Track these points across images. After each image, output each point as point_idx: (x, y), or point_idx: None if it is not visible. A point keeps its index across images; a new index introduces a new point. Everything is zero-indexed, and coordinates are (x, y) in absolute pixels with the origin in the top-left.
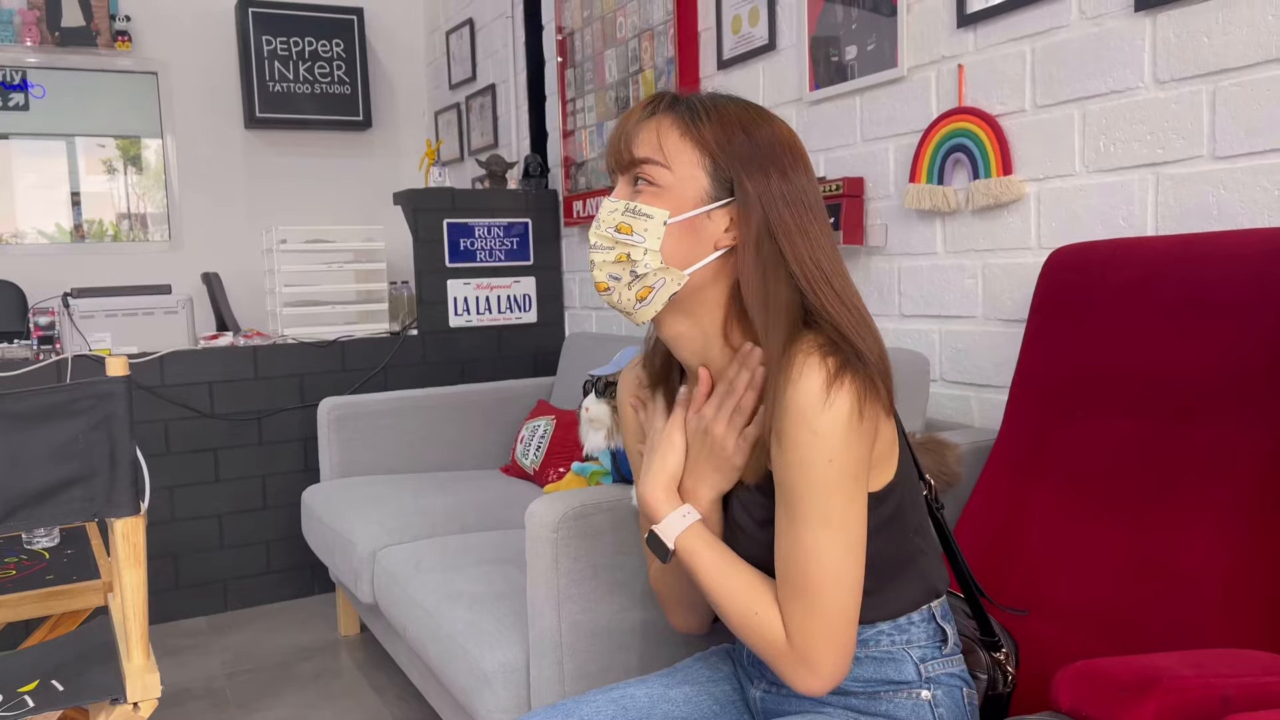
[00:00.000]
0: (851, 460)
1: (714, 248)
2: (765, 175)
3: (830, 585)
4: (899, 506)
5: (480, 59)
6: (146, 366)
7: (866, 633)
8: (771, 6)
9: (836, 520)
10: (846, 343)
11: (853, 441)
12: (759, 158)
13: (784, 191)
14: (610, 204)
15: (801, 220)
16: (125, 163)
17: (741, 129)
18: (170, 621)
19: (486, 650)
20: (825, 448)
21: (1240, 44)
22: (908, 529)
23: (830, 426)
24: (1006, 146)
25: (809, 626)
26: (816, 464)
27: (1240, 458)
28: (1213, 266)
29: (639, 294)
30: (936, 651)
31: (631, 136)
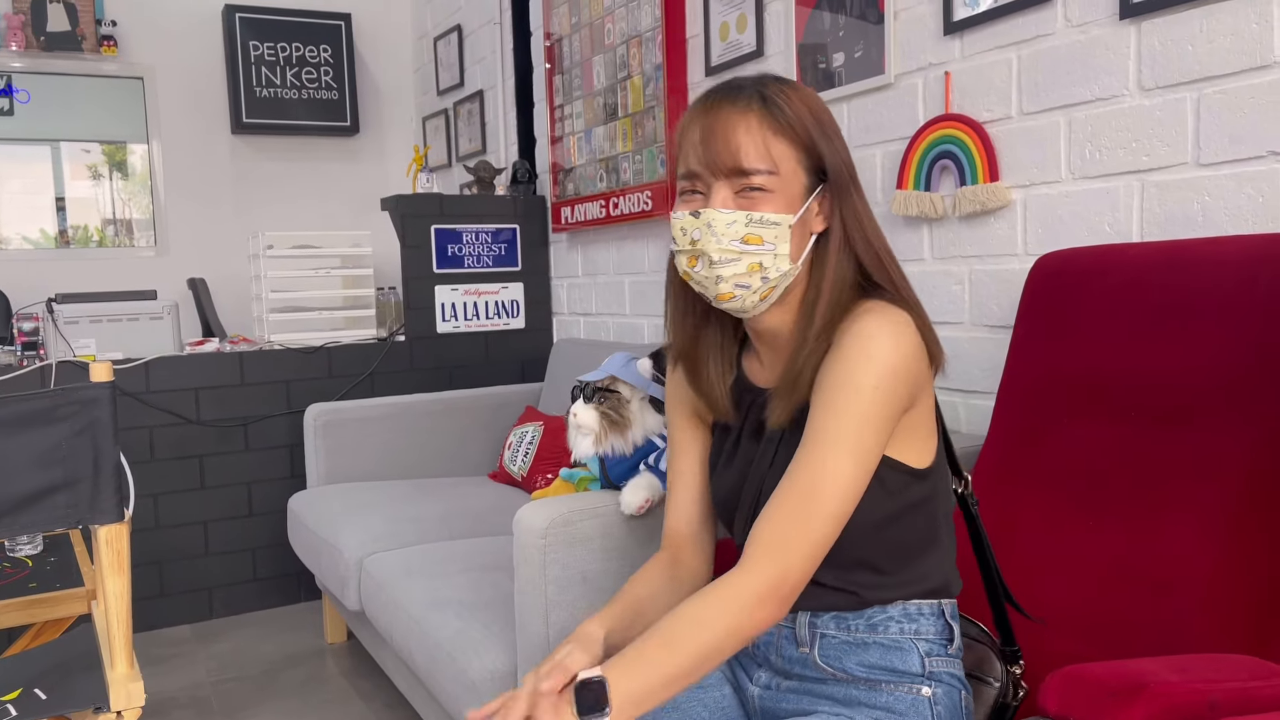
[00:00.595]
0: (894, 398)
1: (811, 234)
2: (837, 155)
3: (831, 510)
4: (934, 491)
5: (468, 65)
6: (131, 373)
7: (877, 616)
8: (759, 13)
9: (862, 450)
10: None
11: (900, 381)
12: (830, 137)
13: (846, 165)
14: (726, 215)
15: (859, 193)
16: (111, 168)
17: (811, 114)
18: (155, 630)
19: (474, 658)
20: (876, 372)
21: (1223, 52)
22: (937, 515)
23: (886, 355)
24: (993, 153)
25: (793, 539)
26: (864, 387)
27: (1223, 463)
28: (1197, 273)
29: (763, 295)
30: (942, 649)
31: (738, 145)
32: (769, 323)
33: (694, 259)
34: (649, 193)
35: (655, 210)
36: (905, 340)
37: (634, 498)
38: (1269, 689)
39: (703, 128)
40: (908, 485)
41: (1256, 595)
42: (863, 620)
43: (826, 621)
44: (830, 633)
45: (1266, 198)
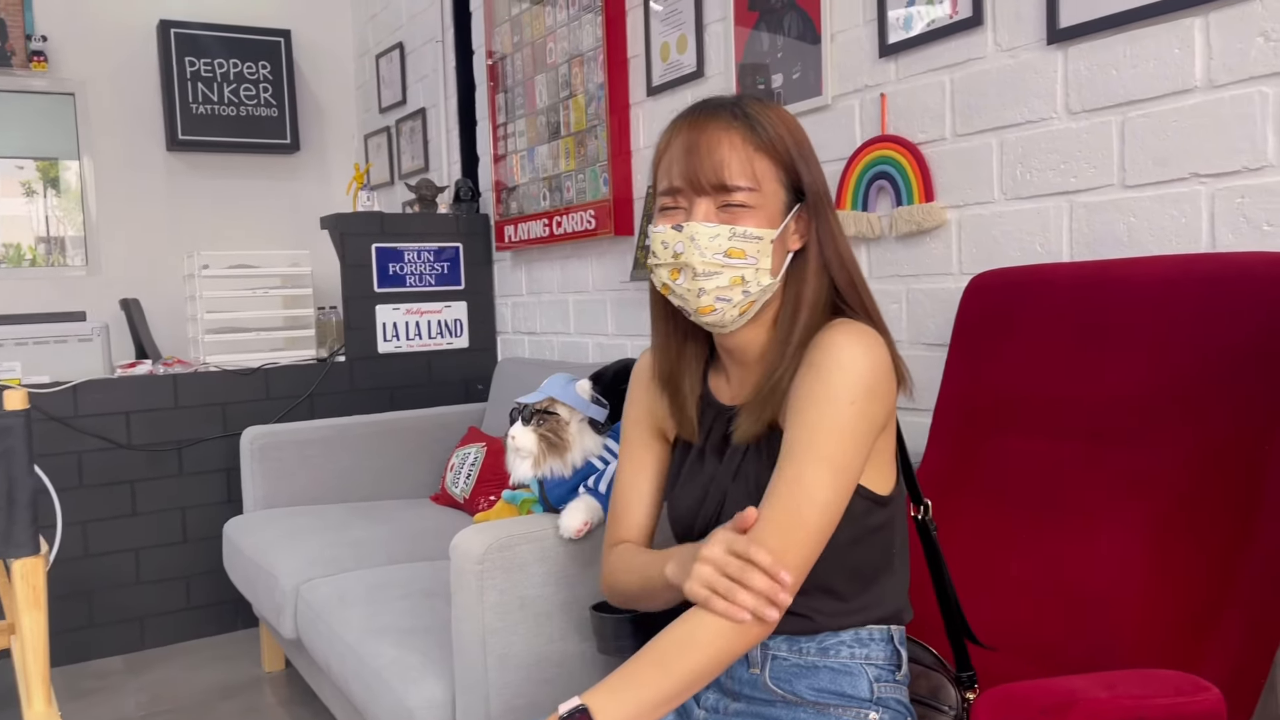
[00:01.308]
0: (869, 415)
1: (788, 251)
2: (812, 173)
3: (815, 526)
4: (893, 517)
5: (410, 83)
6: (58, 397)
7: (829, 640)
8: (699, 34)
9: (841, 465)
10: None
11: (875, 399)
12: (807, 156)
13: (821, 183)
14: (709, 229)
15: (836, 219)
16: (45, 185)
17: (791, 134)
18: (84, 661)
19: (411, 686)
20: (851, 386)
21: (1147, 77)
22: (892, 544)
23: (861, 371)
24: (928, 174)
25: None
26: (839, 401)
27: (1152, 480)
28: (1123, 292)
29: (742, 309)
30: (890, 675)
31: (721, 160)
32: (741, 339)
33: (676, 272)
34: (592, 211)
35: (599, 229)
36: (878, 357)
37: (572, 521)
38: (1196, 704)
39: (686, 143)
40: (869, 511)
41: (1185, 611)
42: (814, 644)
43: (779, 643)
44: (782, 655)
45: (1189, 218)
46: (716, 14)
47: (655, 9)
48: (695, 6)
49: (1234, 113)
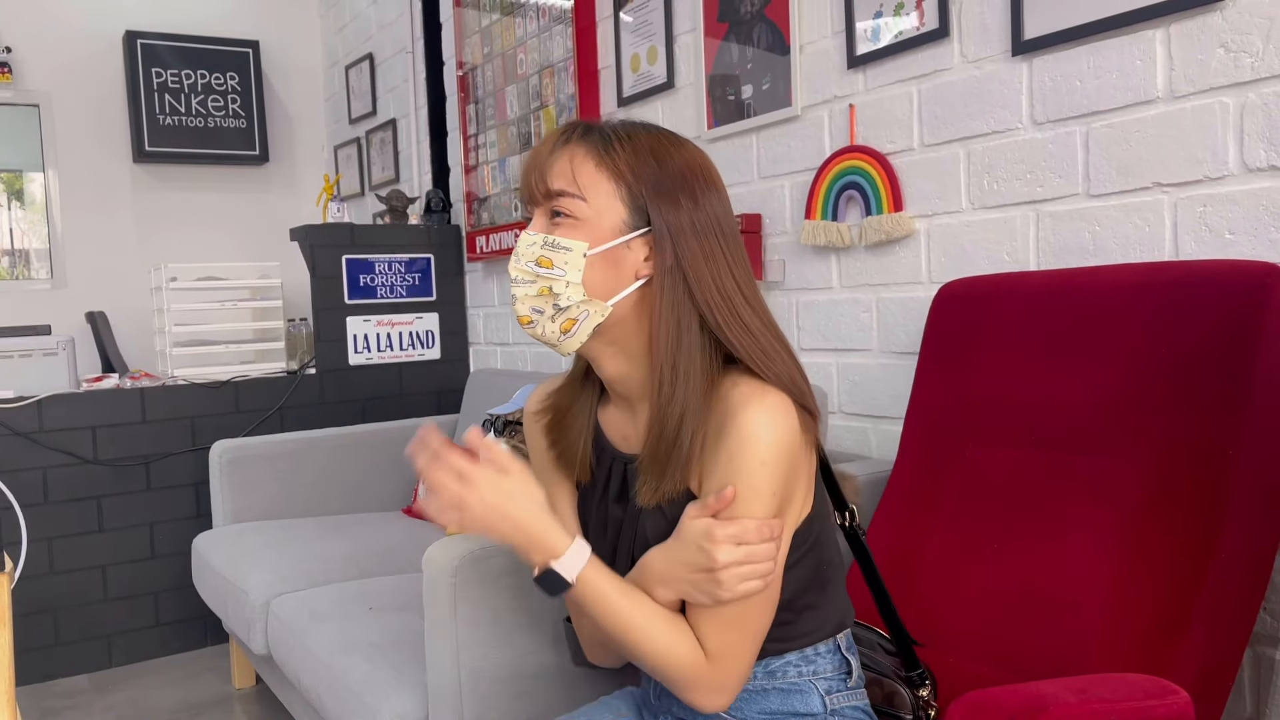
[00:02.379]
0: (788, 489)
1: (635, 277)
2: (675, 204)
3: (763, 614)
4: (816, 539)
5: (380, 93)
6: (23, 411)
7: (774, 663)
8: (669, 45)
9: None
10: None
11: (788, 475)
12: (669, 186)
13: (693, 220)
14: (528, 237)
15: (710, 248)
16: (9, 197)
17: (653, 156)
18: (49, 680)
19: (384, 701)
20: (769, 476)
21: (1110, 88)
22: (821, 561)
23: (776, 456)
24: (897, 184)
25: (733, 642)
26: (763, 493)
27: (1119, 486)
28: (1088, 301)
29: (563, 326)
30: (842, 684)
31: (546, 168)
32: (609, 370)
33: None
34: None
35: None
36: (786, 430)
37: None
38: (1165, 708)
39: (529, 158)
40: (797, 543)
41: (1154, 615)
42: (760, 668)
43: None
44: None
45: (1152, 227)
46: (686, 25)
47: (625, 20)
48: (665, 18)
49: (1195, 123)
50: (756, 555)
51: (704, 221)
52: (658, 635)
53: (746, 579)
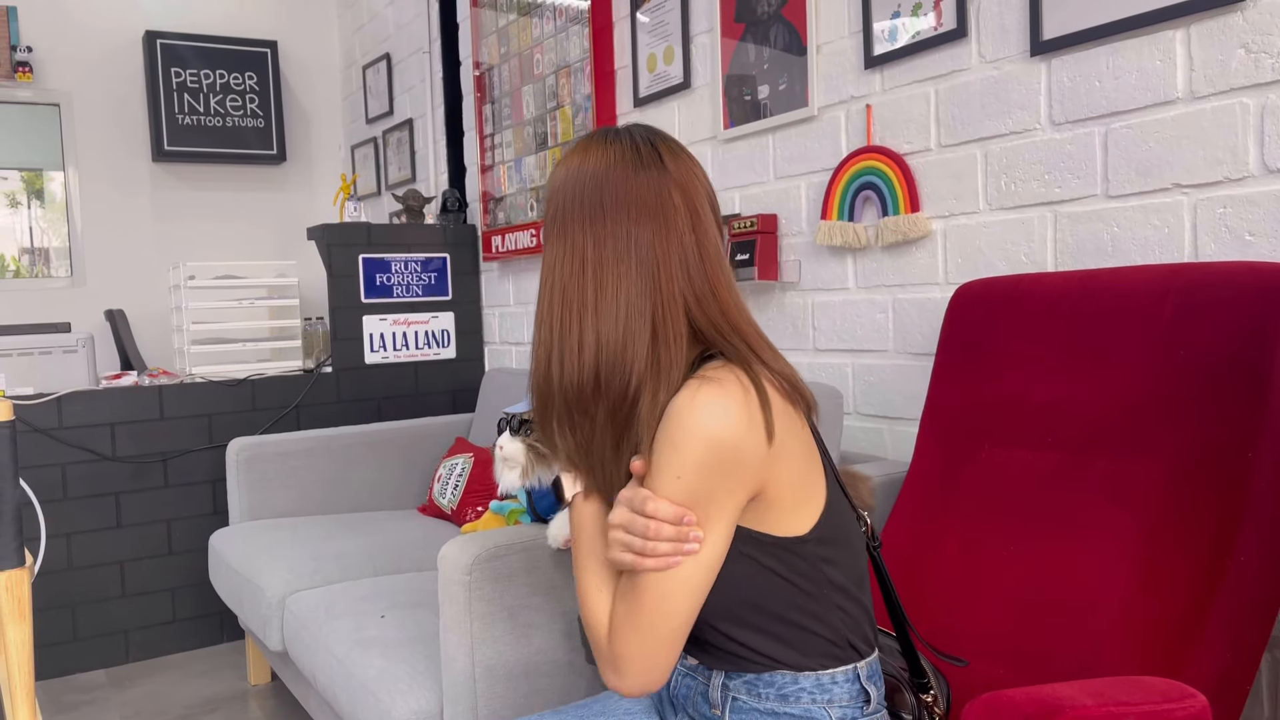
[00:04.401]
0: (705, 489)
1: None
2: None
3: (652, 604)
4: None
5: (397, 93)
6: (43, 408)
7: (789, 687)
8: (686, 45)
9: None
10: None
11: (709, 468)
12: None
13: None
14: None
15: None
16: (29, 196)
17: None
18: (67, 675)
19: (399, 698)
20: (677, 461)
21: (1129, 88)
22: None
23: (692, 444)
24: (914, 184)
25: (625, 634)
26: (665, 473)
27: (1136, 488)
28: (1106, 302)
29: None
30: (858, 712)
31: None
32: None
33: None
34: None
35: None
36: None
37: (560, 531)
38: (1182, 711)
39: None
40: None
41: (1170, 618)
42: (774, 690)
43: (739, 686)
44: (742, 698)
45: (1171, 228)
46: (703, 25)
47: (642, 20)
48: (682, 18)
49: (1215, 124)
50: (634, 526)
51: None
52: (590, 590)
53: (619, 546)
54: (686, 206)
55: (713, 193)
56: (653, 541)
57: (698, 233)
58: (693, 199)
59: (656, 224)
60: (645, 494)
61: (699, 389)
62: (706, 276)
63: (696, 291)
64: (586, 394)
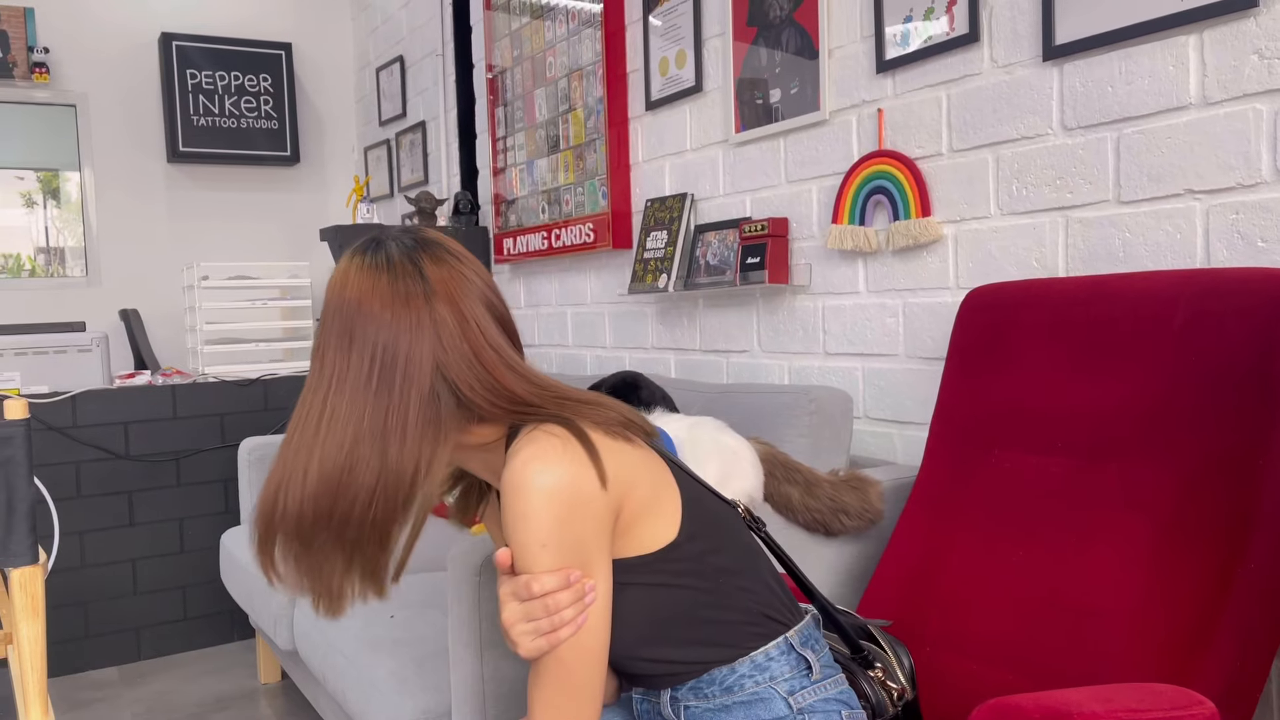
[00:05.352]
0: (572, 540)
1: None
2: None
3: (578, 664)
4: (695, 556)
5: (410, 96)
6: (57, 407)
7: (729, 679)
8: (698, 49)
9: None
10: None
11: (565, 521)
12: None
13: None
14: None
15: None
16: (45, 195)
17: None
18: (79, 672)
19: (407, 698)
20: (537, 530)
21: (1142, 93)
22: (713, 571)
23: (542, 507)
24: (925, 189)
25: (559, 703)
26: (531, 547)
27: (1147, 494)
28: (1118, 308)
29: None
30: (805, 681)
31: None
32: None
33: None
34: (591, 225)
35: (597, 242)
36: (555, 474)
37: None
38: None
39: None
40: (661, 567)
41: (1180, 625)
42: (716, 686)
43: (686, 694)
44: (691, 703)
45: (1184, 234)
46: (715, 29)
47: (655, 24)
48: (694, 21)
49: (1228, 129)
50: (533, 612)
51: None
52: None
53: (532, 635)
54: (452, 314)
55: (488, 284)
56: (556, 615)
57: (466, 333)
58: (459, 305)
59: (409, 343)
60: (524, 579)
61: (521, 459)
62: (482, 367)
63: (470, 382)
64: (306, 524)
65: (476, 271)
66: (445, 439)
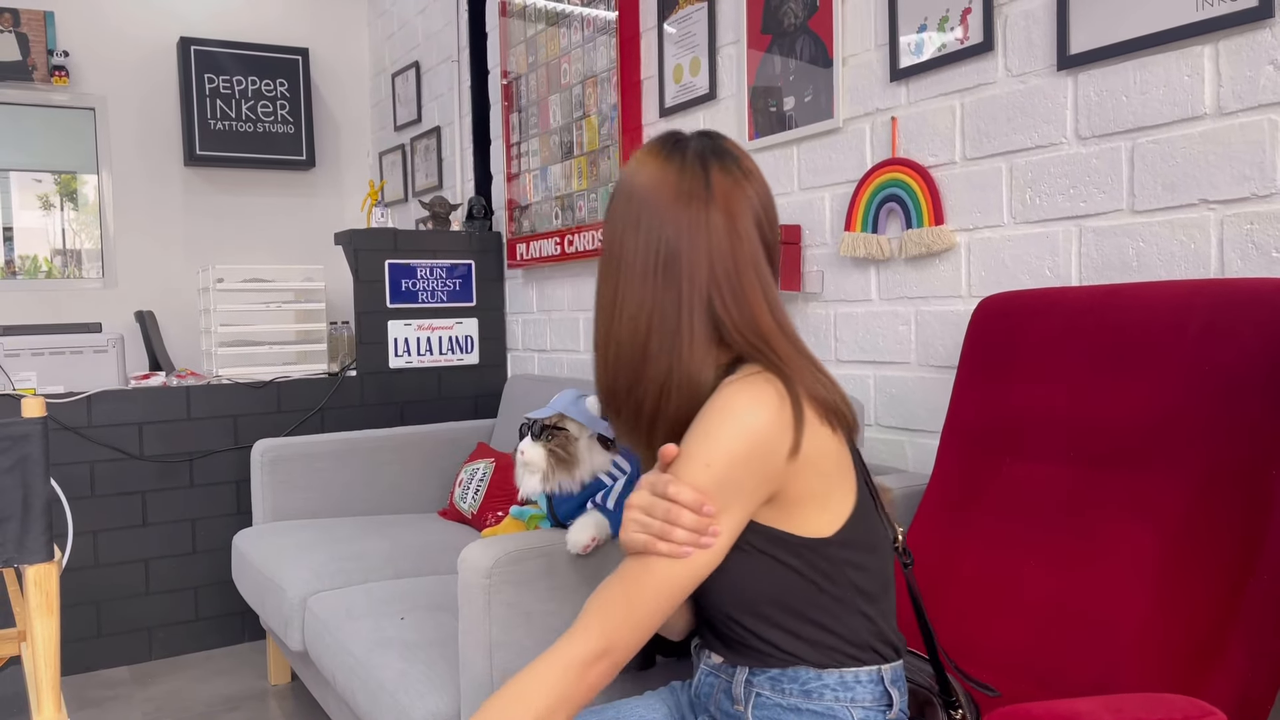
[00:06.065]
0: (731, 480)
1: None
2: (612, 228)
3: (654, 590)
4: (837, 561)
5: (426, 101)
6: (73, 407)
7: (812, 683)
8: (712, 57)
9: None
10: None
11: (751, 463)
12: (615, 213)
13: (616, 244)
14: None
15: (601, 274)
16: (63, 198)
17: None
18: (91, 671)
19: (417, 699)
20: (713, 450)
21: (1156, 103)
22: (849, 583)
23: (730, 434)
24: (938, 197)
25: (616, 614)
26: (697, 460)
27: (1158, 503)
28: (1131, 317)
29: None
30: (881, 715)
31: None
32: None
33: None
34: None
35: None
36: (752, 422)
37: (580, 536)
38: None
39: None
40: (802, 554)
41: (1191, 635)
42: (797, 685)
43: (762, 681)
44: (765, 694)
45: (1198, 244)
46: (729, 37)
47: (669, 32)
48: (709, 29)
49: (1243, 140)
50: (655, 510)
51: (621, 243)
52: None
53: (637, 528)
54: (725, 223)
55: (766, 208)
56: (671, 526)
57: (734, 247)
58: (735, 221)
59: (689, 242)
60: (667, 478)
61: (739, 387)
62: (740, 288)
63: (725, 299)
64: (621, 388)
65: (758, 191)
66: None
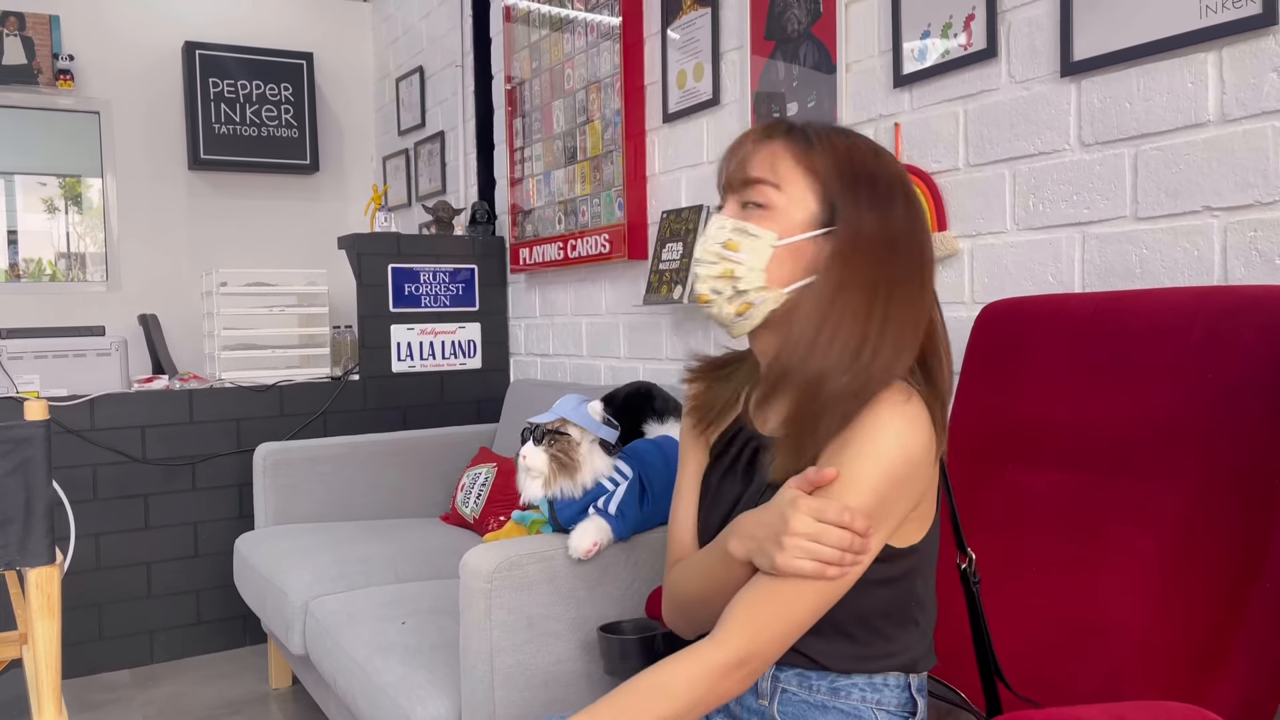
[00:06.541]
0: (892, 498)
1: (811, 271)
2: (863, 210)
3: (811, 608)
4: (915, 567)
5: (429, 106)
6: (76, 409)
7: (840, 681)
8: (716, 62)
9: None
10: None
11: (900, 487)
12: (856, 192)
13: (873, 231)
14: (719, 220)
15: (885, 257)
16: (67, 201)
17: (851, 161)
18: (93, 674)
19: (418, 704)
20: (878, 475)
21: (1160, 110)
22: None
23: (893, 459)
24: (941, 203)
25: (769, 621)
26: (864, 485)
27: (1159, 511)
28: (1134, 324)
29: (738, 309)
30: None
31: (748, 157)
32: (769, 354)
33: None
34: (607, 235)
35: (613, 253)
36: (914, 441)
37: (582, 541)
38: None
39: (731, 148)
40: (889, 560)
41: (1193, 642)
42: (825, 682)
43: (790, 677)
44: (792, 689)
45: (1201, 251)
46: (733, 43)
47: (672, 37)
48: (712, 35)
49: (1247, 147)
50: (826, 537)
51: (884, 235)
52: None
53: (805, 555)
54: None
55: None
56: (849, 555)
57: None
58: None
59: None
60: (840, 506)
61: (895, 403)
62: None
63: (932, 316)
64: (813, 384)
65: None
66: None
